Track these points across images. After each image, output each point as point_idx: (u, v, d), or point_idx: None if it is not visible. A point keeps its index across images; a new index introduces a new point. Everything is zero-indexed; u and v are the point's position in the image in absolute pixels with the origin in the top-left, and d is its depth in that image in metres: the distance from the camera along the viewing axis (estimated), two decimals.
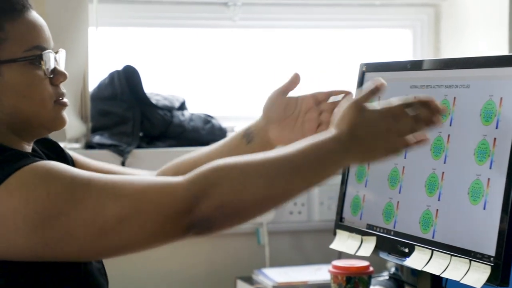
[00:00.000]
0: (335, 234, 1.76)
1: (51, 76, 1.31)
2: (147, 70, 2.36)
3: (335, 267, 1.80)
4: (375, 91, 1.25)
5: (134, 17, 2.40)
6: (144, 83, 2.27)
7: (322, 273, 2.07)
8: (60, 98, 1.33)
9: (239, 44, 2.51)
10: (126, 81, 2.25)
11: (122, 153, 2.20)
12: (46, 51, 1.30)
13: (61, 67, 1.34)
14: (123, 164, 2.19)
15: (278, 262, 2.27)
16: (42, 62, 1.29)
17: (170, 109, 2.30)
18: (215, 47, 2.49)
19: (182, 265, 2.26)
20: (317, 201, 2.30)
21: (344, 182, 1.77)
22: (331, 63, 2.58)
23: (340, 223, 1.75)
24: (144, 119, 2.26)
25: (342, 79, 2.56)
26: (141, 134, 2.26)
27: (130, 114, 2.25)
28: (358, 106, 1.22)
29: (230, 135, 1.52)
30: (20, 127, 1.32)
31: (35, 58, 1.29)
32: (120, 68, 2.26)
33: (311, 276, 2.07)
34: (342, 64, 2.58)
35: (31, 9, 1.32)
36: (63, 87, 1.34)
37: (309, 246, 2.34)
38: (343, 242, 1.72)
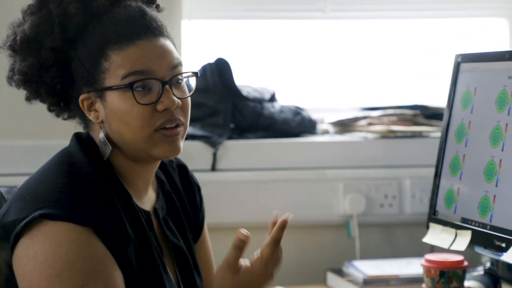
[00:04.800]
0: (428, 227, 1.74)
1: (152, 103, 1.30)
2: (238, 63, 2.38)
3: (428, 261, 1.77)
4: (239, 246, 1.32)
5: (226, 9, 2.42)
6: (236, 75, 2.29)
7: (413, 266, 2.04)
8: (166, 126, 1.31)
9: (330, 35, 2.50)
10: (218, 74, 2.28)
11: (213, 144, 2.23)
12: (147, 79, 1.29)
13: (180, 93, 1.32)
14: (214, 155, 2.22)
15: (368, 255, 2.25)
16: (134, 91, 1.28)
17: (260, 101, 2.31)
18: (306, 39, 2.49)
19: None
20: (408, 194, 2.27)
21: (437, 175, 1.74)
22: (426, 54, 2.53)
23: (433, 217, 1.73)
24: (235, 111, 2.28)
25: (437, 71, 2.51)
26: (232, 125, 2.28)
27: (221, 106, 2.27)
28: (232, 268, 1.31)
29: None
30: (129, 151, 1.34)
31: (126, 86, 1.29)
32: (212, 60, 2.29)
33: (402, 270, 2.05)
34: (437, 55, 2.53)
35: (150, 37, 1.31)
36: (179, 114, 1.31)
37: (400, 239, 2.31)
38: (437, 235, 1.69)
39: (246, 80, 2.39)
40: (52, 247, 1.22)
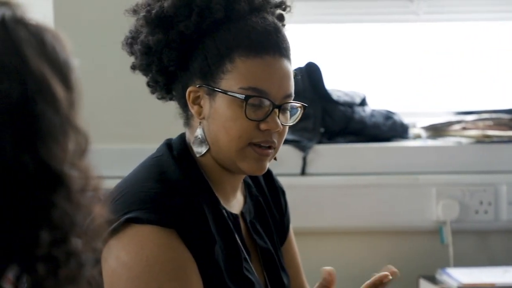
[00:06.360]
0: None
1: (258, 120, 1.31)
2: (329, 67, 2.37)
3: None
4: (326, 286, 1.33)
5: (317, 13, 2.41)
6: (326, 80, 2.28)
7: (510, 275, 1.98)
8: (261, 144, 1.32)
9: (422, 38, 2.45)
10: (308, 78, 2.27)
11: (303, 149, 2.22)
12: (263, 98, 1.31)
13: (284, 119, 1.33)
14: (304, 159, 2.21)
15: (462, 262, 2.20)
16: (247, 104, 1.30)
17: (351, 105, 2.29)
18: (397, 42, 2.45)
19: (365, 262, 2.25)
20: (505, 200, 2.21)
21: None
22: None
23: None
24: (325, 115, 2.27)
25: None
26: (322, 130, 2.27)
27: (311, 110, 2.27)
28: None
29: None
30: (218, 156, 1.35)
31: (241, 98, 1.30)
32: (302, 65, 2.29)
33: (498, 278, 1.99)
34: None
35: (277, 56, 1.33)
36: (275, 138, 1.32)
37: (495, 246, 2.25)
38: None
39: (336, 84, 2.38)
40: (134, 250, 1.25)
